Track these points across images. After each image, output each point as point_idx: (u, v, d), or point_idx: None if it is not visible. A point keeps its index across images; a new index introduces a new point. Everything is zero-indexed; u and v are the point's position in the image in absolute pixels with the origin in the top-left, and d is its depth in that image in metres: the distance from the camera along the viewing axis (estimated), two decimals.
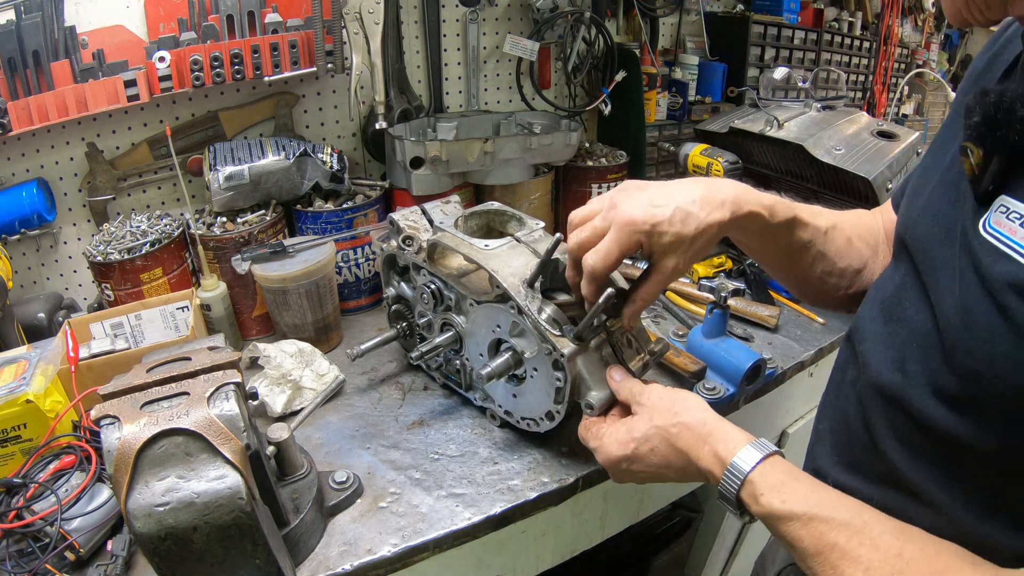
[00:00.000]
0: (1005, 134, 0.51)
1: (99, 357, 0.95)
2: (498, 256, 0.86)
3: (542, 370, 0.82)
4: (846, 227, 0.83)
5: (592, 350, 0.81)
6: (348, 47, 1.23)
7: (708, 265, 1.35)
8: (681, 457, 0.66)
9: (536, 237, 0.90)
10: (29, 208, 1.13)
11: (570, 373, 0.79)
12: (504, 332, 0.85)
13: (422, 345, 0.95)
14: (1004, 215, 0.52)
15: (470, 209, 0.99)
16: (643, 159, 1.55)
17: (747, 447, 0.61)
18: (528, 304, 0.80)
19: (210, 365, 0.67)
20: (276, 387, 0.99)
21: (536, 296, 0.81)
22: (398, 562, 0.78)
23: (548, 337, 0.78)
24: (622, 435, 0.71)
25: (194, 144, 1.26)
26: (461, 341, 0.94)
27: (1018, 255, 0.50)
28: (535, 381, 0.84)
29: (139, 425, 0.59)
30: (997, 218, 0.53)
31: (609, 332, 0.82)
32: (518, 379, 0.87)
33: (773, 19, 1.80)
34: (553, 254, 0.79)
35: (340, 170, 1.24)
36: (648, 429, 0.69)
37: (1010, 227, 0.51)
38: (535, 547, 0.97)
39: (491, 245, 0.87)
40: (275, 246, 1.11)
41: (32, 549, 0.70)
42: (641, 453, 0.69)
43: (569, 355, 0.78)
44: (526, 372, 0.85)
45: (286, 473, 0.79)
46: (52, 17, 1.07)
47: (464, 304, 0.92)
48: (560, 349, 0.78)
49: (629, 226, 0.69)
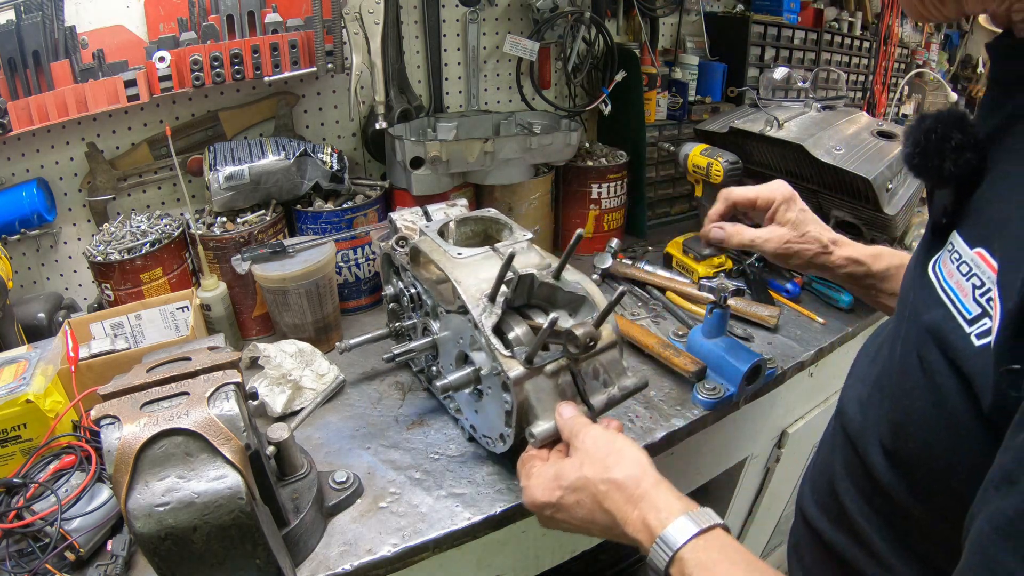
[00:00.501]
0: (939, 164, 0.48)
1: (99, 357, 0.95)
2: (467, 266, 0.83)
3: (494, 390, 0.78)
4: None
5: (547, 376, 0.75)
6: (348, 47, 1.23)
7: (708, 265, 1.35)
8: (607, 517, 0.61)
9: (518, 248, 0.85)
10: (29, 208, 1.13)
11: (516, 397, 0.73)
12: (466, 345, 0.82)
13: (397, 347, 0.94)
14: (950, 255, 0.49)
15: (464, 214, 0.98)
16: (643, 159, 1.55)
17: (681, 518, 0.55)
18: (482, 319, 0.76)
19: (210, 365, 0.67)
20: (276, 387, 0.99)
21: (494, 312, 0.76)
22: (398, 562, 0.78)
23: (497, 356, 0.74)
24: (549, 479, 0.66)
25: (194, 144, 1.26)
26: (437, 348, 0.92)
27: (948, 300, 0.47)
28: (490, 400, 0.81)
29: (139, 425, 0.59)
30: (945, 258, 0.50)
31: (574, 360, 0.76)
32: (480, 394, 0.84)
33: (773, 19, 1.80)
34: (508, 269, 0.74)
35: (340, 170, 1.24)
36: (577, 479, 0.63)
37: (949, 269, 0.48)
38: (535, 547, 0.97)
39: (464, 254, 0.85)
40: (275, 246, 1.11)
41: (32, 549, 0.70)
42: (566, 503, 0.63)
43: (515, 378, 0.73)
44: (483, 389, 0.82)
45: (286, 473, 0.79)
46: (52, 17, 1.06)
47: (438, 311, 0.89)
48: (507, 371, 0.73)
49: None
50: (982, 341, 0.42)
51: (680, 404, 1.01)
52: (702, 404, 1.00)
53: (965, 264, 0.46)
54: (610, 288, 1.37)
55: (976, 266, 0.45)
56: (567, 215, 1.52)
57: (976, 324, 0.43)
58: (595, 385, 0.77)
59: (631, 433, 0.95)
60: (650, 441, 0.94)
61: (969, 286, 0.45)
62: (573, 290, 0.77)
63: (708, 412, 1.00)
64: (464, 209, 1.01)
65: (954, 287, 0.46)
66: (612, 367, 0.78)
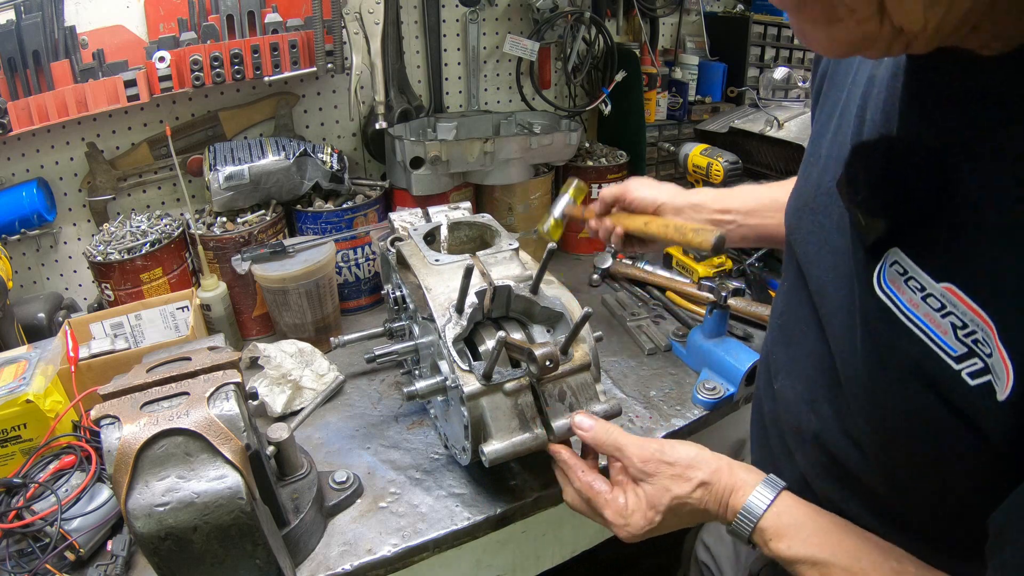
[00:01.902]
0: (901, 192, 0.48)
1: (99, 357, 0.95)
2: (441, 274, 0.81)
3: (455, 403, 0.76)
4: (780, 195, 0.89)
5: (505, 394, 0.72)
6: (348, 47, 1.23)
7: (708, 265, 1.35)
8: (704, 515, 0.67)
9: (499, 259, 0.84)
10: (29, 208, 1.13)
11: (470, 413, 0.72)
12: (435, 354, 0.80)
13: (379, 348, 0.92)
14: (901, 278, 0.49)
15: (459, 218, 0.96)
16: (643, 159, 1.55)
17: (755, 492, 0.62)
18: (445, 329, 0.74)
19: (210, 365, 0.67)
20: (276, 387, 0.99)
21: (459, 323, 0.75)
22: (398, 562, 0.78)
23: (454, 368, 0.72)
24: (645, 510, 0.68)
25: (194, 144, 1.26)
26: (419, 352, 0.91)
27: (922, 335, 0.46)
28: (453, 411, 0.79)
29: (139, 425, 0.59)
30: (892, 276, 0.50)
31: (537, 379, 0.73)
32: (447, 404, 0.82)
33: (773, 19, 1.80)
34: (468, 280, 0.73)
35: (340, 170, 1.24)
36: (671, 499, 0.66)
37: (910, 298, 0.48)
38: (535, 547, 0.97)
39: (442, 260, 0.83)
40: (275, 246, 1.11)
41: (32, 549, 0.70)
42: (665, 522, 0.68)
43: (469, 393, 0.71)
44: (448, 399, 0.80)
45: (286, 473, 0.79)
46: (52, 17, 1.06)
47: (417, 316, 0.88)
48: (462, 385, 0.71)
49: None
50: (977, 381, 0.43)
51: (680, 404, 1.01)
52: (702, 404, 1.00)
53: (934, 299, 0.46)
54: (610, 288, 1.37)
55: (951, 304, 0.44)
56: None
57: (965, 363, 0.43)
58: (559, 408, 0.74)
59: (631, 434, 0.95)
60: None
61: (947, 324, 0.45)
62: (550, 305, 0.74)
63: (708, 412, 1.00)
64: (466, 213, 0.99)
65: (926, 321, 0.46)
66: (582, 390, 0.75)
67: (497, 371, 0.72)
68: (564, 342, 0.72)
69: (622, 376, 1.07)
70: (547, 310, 0.74)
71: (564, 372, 0.73)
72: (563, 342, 0.72)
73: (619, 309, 1.26)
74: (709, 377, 1.02)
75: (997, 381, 0.41)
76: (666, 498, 0.66)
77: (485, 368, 0.71)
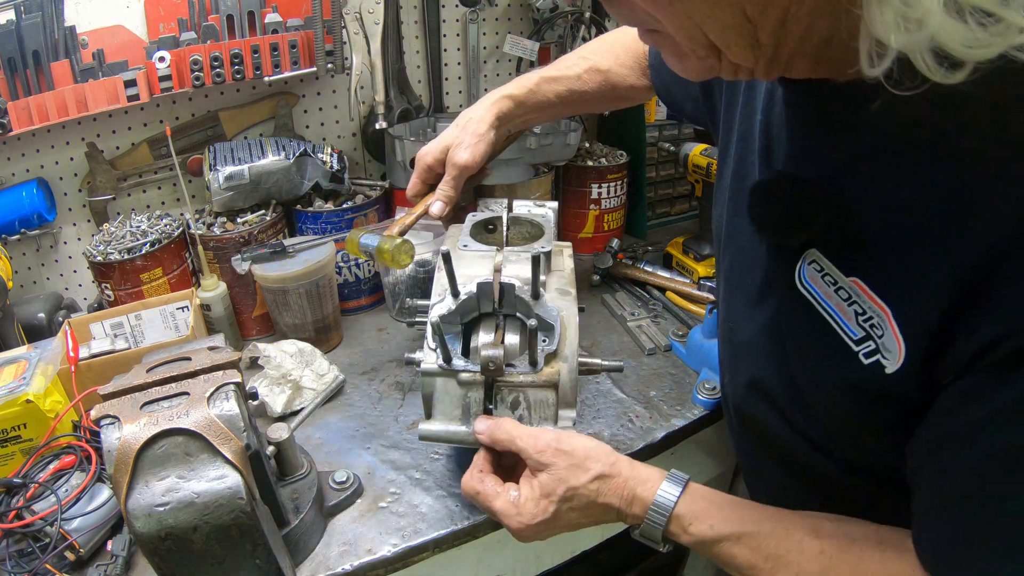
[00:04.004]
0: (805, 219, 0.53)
1: (99, 357, 0.95)
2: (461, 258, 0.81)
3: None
4: (601, 63, 0.98)
5: (457, 383, 0.73)
6: (348, 47, 1.23)
7: (708, 265, 1.35)
8: (603, 509, 0.65)
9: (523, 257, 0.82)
10: (29, 208, 1.13)
11: (422, 388, 0.74)
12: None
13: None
14: (819, 274, 0.55)
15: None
16: (643, 159, 1.55)
17: (664, 483, 0.63)
18: (433, 307, 0.75)
19: (210, 365, 0.67)
20: (276, 387, 0.99)
21: (447, 306, 0.75)
22: (398, 562, 0.78)
23: (425, 346, 0.74)
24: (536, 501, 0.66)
25: (194, 144, 1.26)
26: None
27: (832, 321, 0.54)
28: None
29: (139, 425, 0.59)
30: (811, 273, 0.56)
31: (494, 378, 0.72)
32: None
33: None
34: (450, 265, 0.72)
35: (340, 170, 1.24)
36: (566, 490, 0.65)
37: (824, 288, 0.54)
38: (535, 547, 0.97)
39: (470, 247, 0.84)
40: (275, 246, 1.11)
41: (32, 549, 0.70)
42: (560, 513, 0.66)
43: (424, 370, 0.73)
44: None
45: (286, 473, 0.79)
46: (52, 17, 1.06)
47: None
48: (419, 357, 0.74)
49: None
50: (870, 360, 0.51)
51: (680, 404, 1.01)
52: (702, 404, 1.00)
53: (843, 290, 0.53)
54: (610, 288, 1.37)
55: (856, 295, 0.51)
56: (567, 215, 1.52)
57: (862, 345, 0.51)
58: (506, 415, 0.73)
59: (631, 433, 0.95)
60: (650, 441, 0.94)
61: (852, 312, 0.52)
62: (544, 314, 0.73)
63: (708, 412, 1.00)
64: (552, 212, 0.96)
65: (836, 310, 0.53)
66: (538, 407, 0.74)
67: (461, 360, 0.73)
68: (529, 353, 0.72)
69: (622, 376, 1.07)
70: (541, 317, 0.74)
71: (524, 383, 0.72)
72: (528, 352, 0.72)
73: (619, 309, 1.26)
74: (709, 377, 1.02)
75: (886, 357, 0.49)
76: (560, 488, 0.65)
77: (443, 353, 0.72)
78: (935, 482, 0.48)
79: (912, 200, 0.47)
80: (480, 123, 0.91)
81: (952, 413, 0.46)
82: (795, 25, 0.43)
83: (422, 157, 0.93)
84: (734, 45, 0.45)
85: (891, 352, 0.49)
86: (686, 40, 0.46)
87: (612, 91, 0.99)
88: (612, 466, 0.65)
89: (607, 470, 0.65)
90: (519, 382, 0.72)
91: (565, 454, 0.66)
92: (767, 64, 0.47)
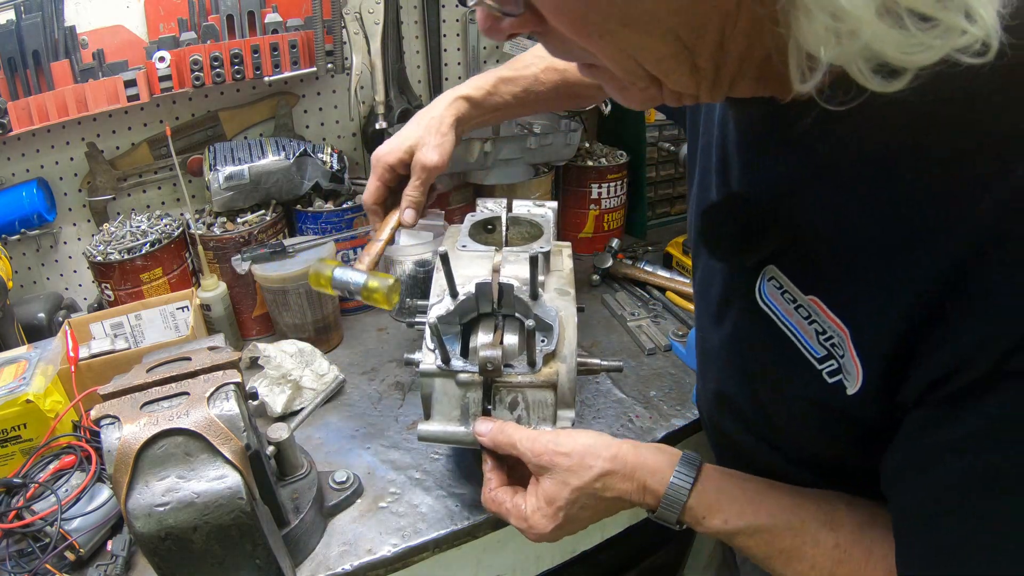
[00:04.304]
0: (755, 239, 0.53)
1: (99, 357, 0.95)
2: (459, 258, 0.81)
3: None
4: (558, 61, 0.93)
5: (456, 384, 0.73)
6: (348, 47, 1.23)
7: None
8: (612, 503, 0.65)
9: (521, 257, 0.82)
10: (29, 208, 1.13)
11: (421, 388, 0.74)
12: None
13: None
14: (779, 291, 0.54)
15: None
16: (643, 159, 1.55)
17: (675, 473, 0.61)
18: (432, 308, 0.75)
19: (210, 365, 0.67)
20: (276, 387, 0.99)
21: (445, 306, 0.75)
22: (398, 562, 0.78)
23: (423, 346, 0.74)
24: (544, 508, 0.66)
25: (194, 144, 1.26)
26: None
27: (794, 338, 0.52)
28: None
29: (139, 425, 0.59)
30: (771, 290, 0.55)
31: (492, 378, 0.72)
32: None
33: None
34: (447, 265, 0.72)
35: (340, 170, 1.24)
36: (571, 493, 0.64)
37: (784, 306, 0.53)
38: (535, 547, 0.97)
39: (469, 247, 0.84)
40: (275, 246, 1.11)
41: (32, 549, 0.70)
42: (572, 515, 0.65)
43: (423, 370, 0.73)
44: None
45: (286, 473, 0.79)
46: (52, 17, 1.06)
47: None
48: (418, 358, 0.74)
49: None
50: (833, 379, 0.50)
51: (680, 404, 1.01)
52: None
53: (803, 308, 0.51)
54: (610, 288, 1.37)
55: (815, 313, 0.50)
56: (567, 215, 1.52)
57: (824, 364, 0.50)
58: (505, 415, 0.74)
59: (631, 433, 0.96)
60: (650, 441, 0.94)
61: (812, 331, 0.51)
62: (542, 314, 0.73)
63: None
64: (551, 212, 0.95)
65: (798, 328, 0.52)
66: (536, 408, 0.73)
67: (460, 361, 0.73)
68: (528, 353, 0.72)
69: (622, 376, 1.07)
70: (539, 317, 0.74)
71: (522, 383, 0.72)
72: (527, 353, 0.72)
73: (619, 309, 1.26)
74: None
75: (847, 379, 0.48)
76: (565, 492, 0.63)
77: (442, 353, 0.72)
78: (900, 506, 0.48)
79: (861, 220, 0.45)
80: (441, 122, 0.87)
81: (912, 439, 0.45)
82: (733, 46, 0.42)
83: (383, 157, 0.86)
84: (672, 73, 0.44)
85: (851, 374, 0.48)
86: (623, 73, 0.45)
87: (569, 89, 0.96)
88: (614, 459, 0.64)
89: (610, 465, 0.63)
90: (517, 382, 0.72)
91: (564, 455, 0.65)
92: (709, 88, 0.45)
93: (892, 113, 0.38)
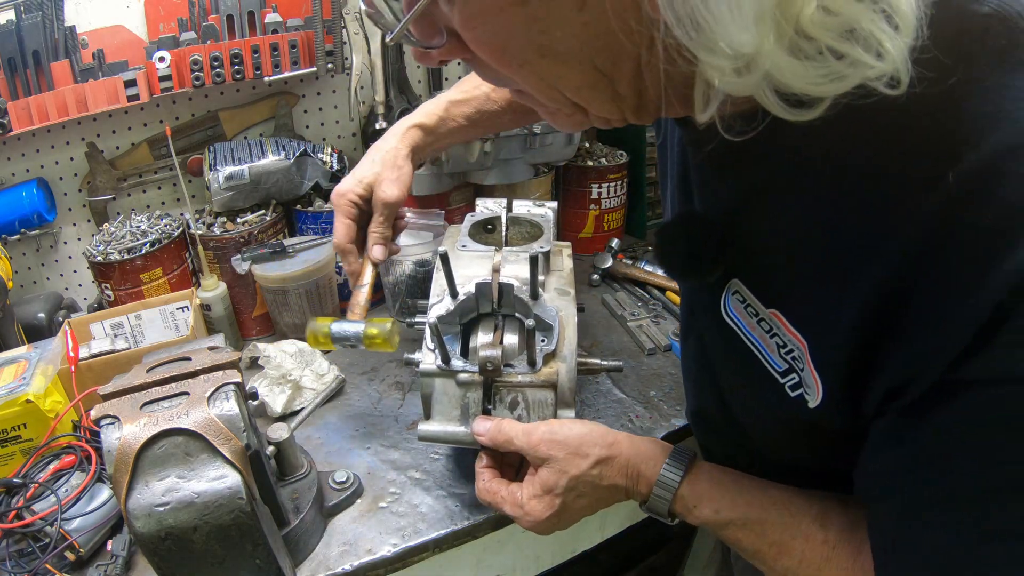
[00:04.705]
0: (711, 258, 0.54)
1: (99, 357, 0.95)
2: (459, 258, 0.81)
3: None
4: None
5: (456, 384, 0.73)
6: (348, 47, 1.23)
7: None
8: (609, 491, 0.65)
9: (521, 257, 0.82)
10: (29, 208, 1.14)
11: (422, 388, 0.74)
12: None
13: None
14: (742, 304, 0.54)
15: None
16: (643, 159, 1.55)
17: (667, 461, 0.62)
18: (432, 308, 0.75)
19: (210, 365, 0.67)
20: (276, 387, 0.99)
21: (445, 306, 0.75)
22: (398, 562, 0.78)
23: (423, 346, 0.75)
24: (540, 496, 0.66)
25: (194, 144, 1.26)
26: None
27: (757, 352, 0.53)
28: None
29: (139, 425, 0.59)
30: (735, 304, 0.55)
31: (492, 378, 0.72)
32: None
33: None
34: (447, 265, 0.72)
35: (340, 170, 1.24)
36: (568, 481, 0.64)
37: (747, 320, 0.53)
38: (535, 547, 0.97)
39: (469, 247, 0.84)
40: (275, 246, 1.11)
41: (32, 549, 0.70)
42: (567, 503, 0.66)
43: (423, 371, 0.73)
44: None
45: (286, 473, 0.79)
46: (52, 17, 1.07)
47: None
48: (418, 359, 0.75)
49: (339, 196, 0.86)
50: (795, 393, 0.50)
51: (680, 404, 1.01)
52: None
53: (765, 322, 0.51)
54: (610, 288, 1.37)
55: (776, 327, 0.50)
56: (567, 215, 1.52)
57: (786, 377, 0.51)
58: (505, 415, 0.73)
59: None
60: None
61: (774, 344, 0.51)
62: (542, 314, 0.73)
63: None
64: (551, 212, 0.95)
65: (760, 341, 0.52)
66: (536, 407, 0.73)
67: (460, 361, 0.73)
68: (528, 353, 0.72)
69: (622, 376, 1.07)
70: (539, 317, 0.74)
71: (522, 383, 0.72)
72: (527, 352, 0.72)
73: (619, 309, 1.26)
74: None
75: (808, 392, 0.48)
76: (563, 480, 0.64)
77: (441, 353, 0.72)
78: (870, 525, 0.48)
79: (810, 233, 0.45)
80: (396, 155, 0.87)
81: (876, 453, 0.46)
82: (650, 74, 0.42)
83: (344, 195, 0.86)
84: (594, 101, 0.44)
85: (811, 388, 0.48)
86: (547, 101, 0.46)
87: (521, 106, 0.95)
88: (611, 447, 0.64)
89: (606, 452, 0.64)
90: (517, 382, 0.72)
91: (560, 444, 0.65)
92: (634, 112, 0.46)
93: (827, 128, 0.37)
